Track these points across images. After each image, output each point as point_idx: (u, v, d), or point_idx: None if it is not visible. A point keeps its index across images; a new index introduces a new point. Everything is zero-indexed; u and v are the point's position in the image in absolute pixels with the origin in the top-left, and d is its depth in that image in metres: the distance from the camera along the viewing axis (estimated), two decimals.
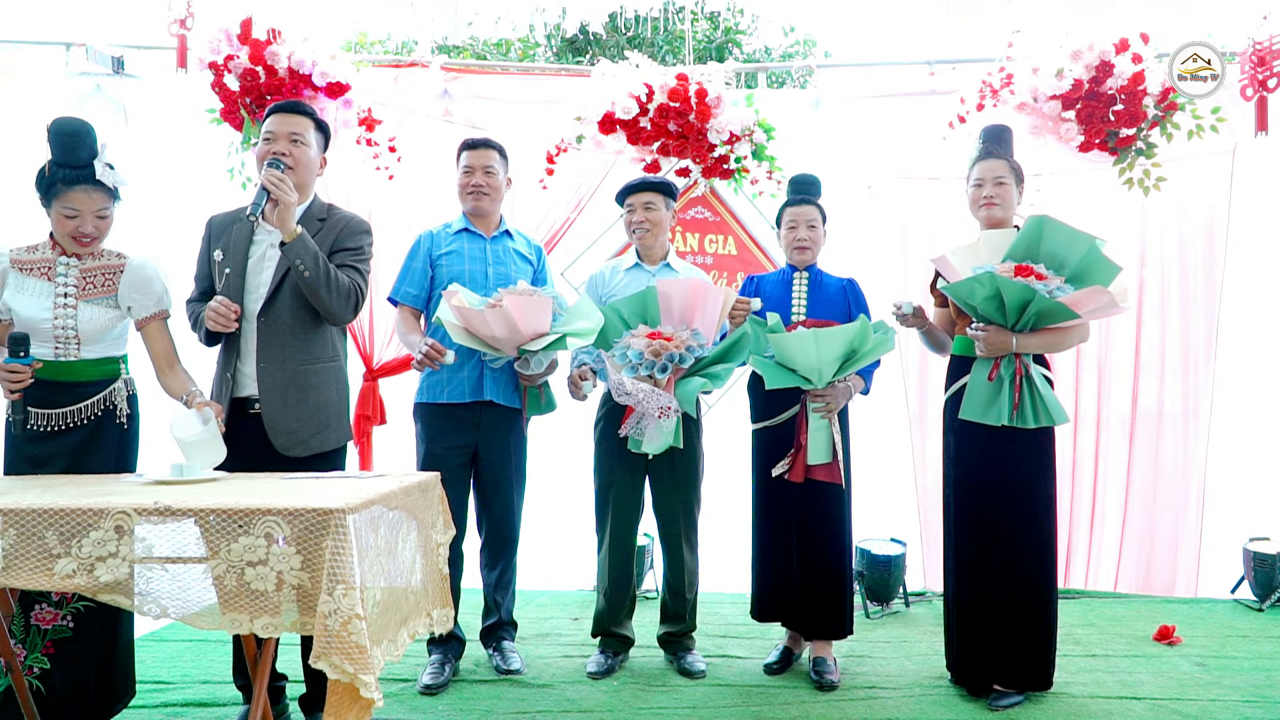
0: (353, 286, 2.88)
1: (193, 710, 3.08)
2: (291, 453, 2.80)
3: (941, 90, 4.53)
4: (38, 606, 2.58)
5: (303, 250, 2.72)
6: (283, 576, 1.97)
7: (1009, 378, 3.03)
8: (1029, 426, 3.02)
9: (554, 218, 4.56)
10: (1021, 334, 3.02)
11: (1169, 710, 3.08)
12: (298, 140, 2.85)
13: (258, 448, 2.79)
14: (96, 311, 2.76)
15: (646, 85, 4.25)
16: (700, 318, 3.31)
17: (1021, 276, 2.92)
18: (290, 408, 2.80)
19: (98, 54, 4.46)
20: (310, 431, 2.84)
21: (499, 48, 9.19)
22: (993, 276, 2.90)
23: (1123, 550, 4.62)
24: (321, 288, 2.77)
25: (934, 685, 3.31)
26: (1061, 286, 2.92)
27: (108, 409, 2.78)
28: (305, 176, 2.87)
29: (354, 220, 3.01)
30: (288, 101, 3.01)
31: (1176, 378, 4.58)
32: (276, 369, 2.80)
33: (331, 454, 2.93)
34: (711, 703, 3.16)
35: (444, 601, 2.57)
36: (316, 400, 2.86)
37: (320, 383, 2.88)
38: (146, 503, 1.99)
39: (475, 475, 3.49)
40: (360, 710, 1.97)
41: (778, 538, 3.46)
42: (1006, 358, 3.04)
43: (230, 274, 2.83)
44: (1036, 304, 2.89)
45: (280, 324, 2.82)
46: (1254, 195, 4.47)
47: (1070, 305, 2.89)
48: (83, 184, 2.68)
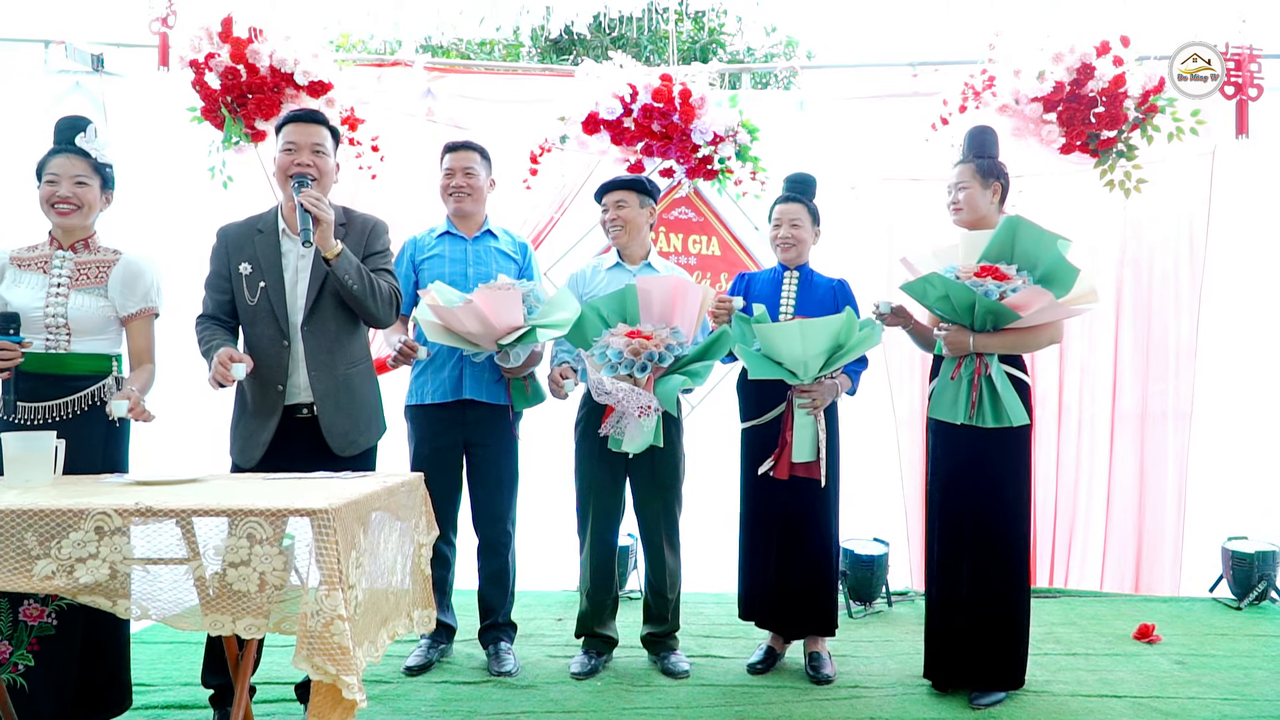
0: (392, 291, 2.97)
1: (174, 712, 3.06)
2: (346, 452, 2.88)
3: (924, 92, 4.55)
4: (26, 602, 2.57)
5: (348, 265, 2.80)
6: (265, 577, 1.96)
7: (967, 377, 3.07)
8: (987, 426, 3.05)
9: (538, 218, 4.55)
10: (982, 334, 3.05)
11: (1148, 708, 3.10)
12: (320, 151, 2.88)
13: (311, 450, 2.86)
14: (86, 300, 2.79)
15: (630, 86, 4.25)
16: (680, 316, 3.31)
17: (980, 277, 2.96)
18: (343, 410, 2.89)
19: (77, 51, 4.43)
20: (359, 430, 2.93)
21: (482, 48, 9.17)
22: (941, 277, 2.95)
23: (1106, 550, 4.65)
24: (368, 299, 2.86)
25: (916, 684, 3.32)
26: (1020, 287, 2.94)
27: (96, 404, 2.79)
28: (328, 186, 2.91)
29: (374, 222, 3.05)
30: (305, 111, 3.01)
31: (1158, 379, 4.61)
32: (327, 375, 2.86)
33: (374, 449, 3.04)
34: (695, 703, 3.16)
35: (426, 602, 2.57)
36: (362, 400, 2.96)
37: (362, 383, 2.98)
38: (127, 503, 1.98)
39: (468, 474, 3.53)
40: (343, 711, 1.97)
41: (765, 536, 3.47)
42: (967, 357, 3.08)
43: (267, 287, 2.85)
44: (980, 304, 2.94)
45: (326, 332, 2.88)
46: (1234, 197, 4.51)
47: (1014, 306, 2.93)
48: (64, 153, 2.80)
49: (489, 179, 3.61)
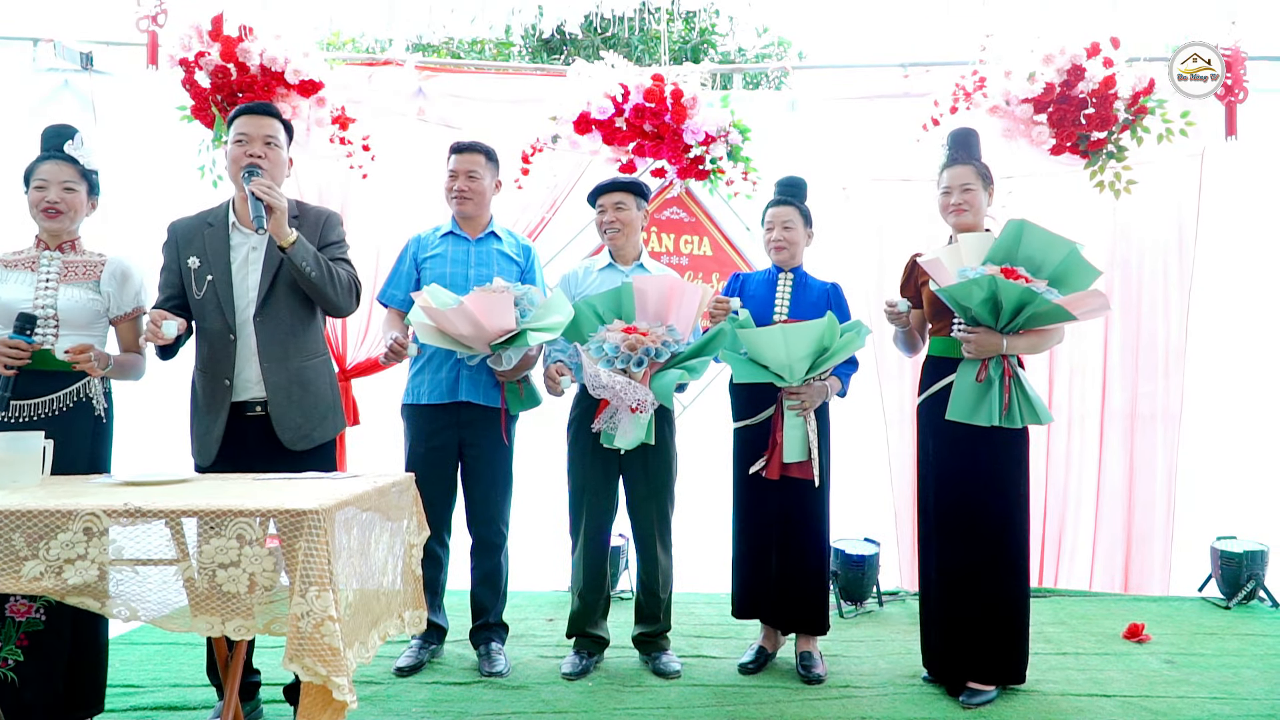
0: (351, 278, 2.97)
1: (163, 714, 3.04)
2: (298, 446, 2.86)
3: (915, 93, 4.56)
4: (13, 599, 2.57)
5: (304, 252, 2.78)
6: (255, 578, 1.95)
7: (998, 378, 3.07)
8: (1016, 426, 3.07)
9: (529, 218, 4.54)
10: (1010, 336, 3.05)
11: (1138, 707, 3.12)
12: (271, 142, 2.87)
13: (260, 446, 2.84)
14: (76, 293, 2.83)
15: (622, 85, 4.25)
16: (676, 315, 3.32)
17: (1011, 278, 2.95)
18: (295, 404, 2.86)
19: (66, 50, 4.41)
20: (313, 424, 2.90)
21: (474, 47, 9.15)
22: (992, 280, 2.91)
23: (1095, 549, 4.67)
24: (326, 285, 2.85)
25: (907, 684, 3.33)
26: (1048, 289, 2.95)
27: (83, 400, 2.81)
28: (280, 178, 2.89)
29: (327, 214, 3.05)
30: (257, 103, 3.01)
31: (1147, 379, 4.62)
32: (280, 368, 2.84)
33: (331, 444, 3.01)
34: (686, 703, 3.16)
35: (417, 603, 2.56)
36: (317, 394, 2.93)
37: (317, 376, 2.95)
38: (116, 504, 1.97)
39: (463, 475, 3.54)
40: (334, 713, 1.96)
41: (758, 535, 3.48)
42: (995, 359, 3.08)
43: (214, 281, 2.84)
44: (1034, 306, 2.93)
45: (280, 324, 2.86)
46: (1223, 198, 4.52)
47: (1067, 307, 2.93)
48: (52, 159, 2.86)
49: (494, 181, 3.60)
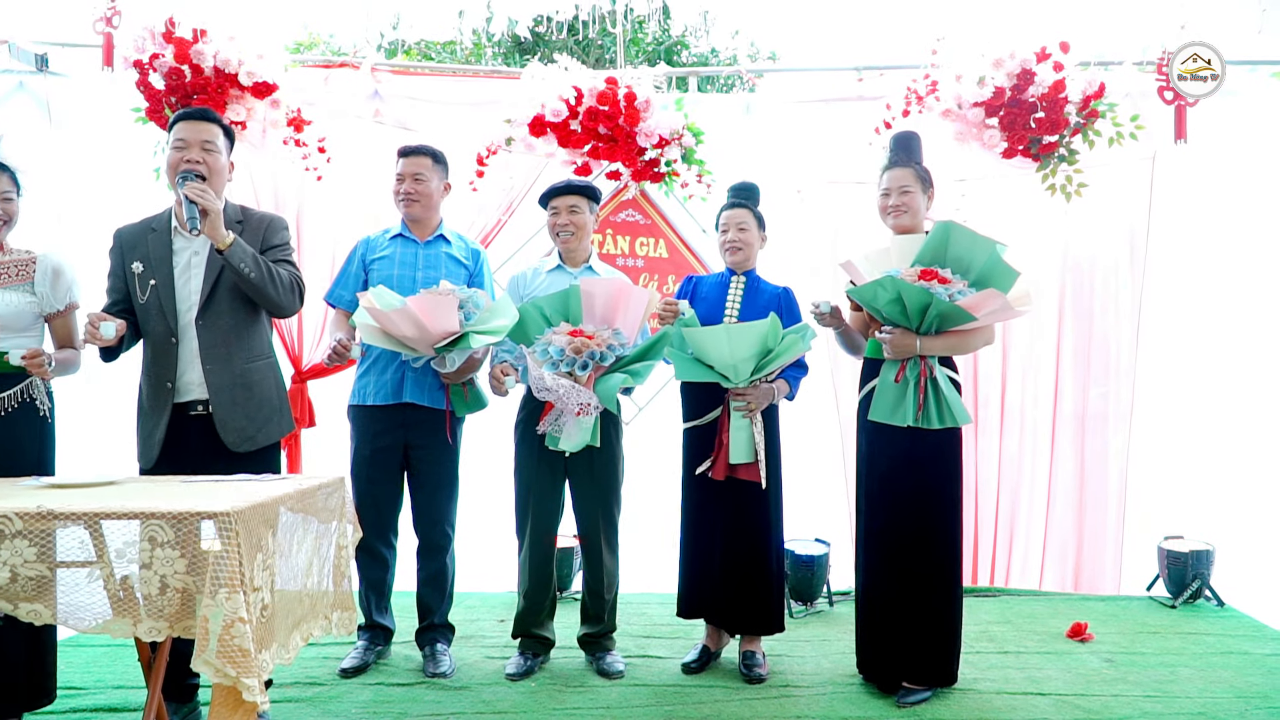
0: (293, 278, 3.01)
1: (104, 715, 3.05)
2: (241, 448, 2.89)
3: (870, 96, 4.59)
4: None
5: (242, 254, 2.82)
6: (166, 580, 1.96)
7: (914, 379, 3.09)
8: (934, 427, 3.09)
9: (485, 220, 4.56)
10: (926, 336, 3.08)
11: (1071, 705, 3.15)
12: (210, 147, 2.88)
13: (204, 448, 2.87)
14: (11, 296, 2.86)
15: (576, 88, 4.27)
16: (622, 318, 3.34)
17: (924, 280, 2.98)
18: (239, 406, 2.89)
19: (20, 51, 4.41)
20: (257, 426, 2.93)
21: (446, 48, 9.16)
22: (894, 280, 2.96)
23: (1046, 549, 4.70)
24: (267, 285, 2.88)
25: (846, 683, 3.36)
26: (963, 290, 2.98)
27: (27, 401, 2.85)
28: (219, 183, 2.91)
29: (271, 218, 3.08)
30: (196, 109, 3.03)
31: (1099, 380, 4.66)
32: (223, 370, 2.88)
33: (276, 446, 3.06)
34: (626, 703, 3.18)
35: (346, 604, 2.57)
36: (261, 396, 2.96)
37: (262, 379, 2.98)
38: (29, 506, 1.97)
39: (408, 476, 3.55)
40: (244, 714, 1.98)
41: (703, 535, 3.51)
42: (912, 360, 3.10)
43: (156, 285, 2.87)
44: (935, 307, 2.96)
45: (221, 326, 2.89)
46: (1173, 201, 4.57)
47: (968, 308, 2.96)
48: None
49: (443, 184, 3.62)
